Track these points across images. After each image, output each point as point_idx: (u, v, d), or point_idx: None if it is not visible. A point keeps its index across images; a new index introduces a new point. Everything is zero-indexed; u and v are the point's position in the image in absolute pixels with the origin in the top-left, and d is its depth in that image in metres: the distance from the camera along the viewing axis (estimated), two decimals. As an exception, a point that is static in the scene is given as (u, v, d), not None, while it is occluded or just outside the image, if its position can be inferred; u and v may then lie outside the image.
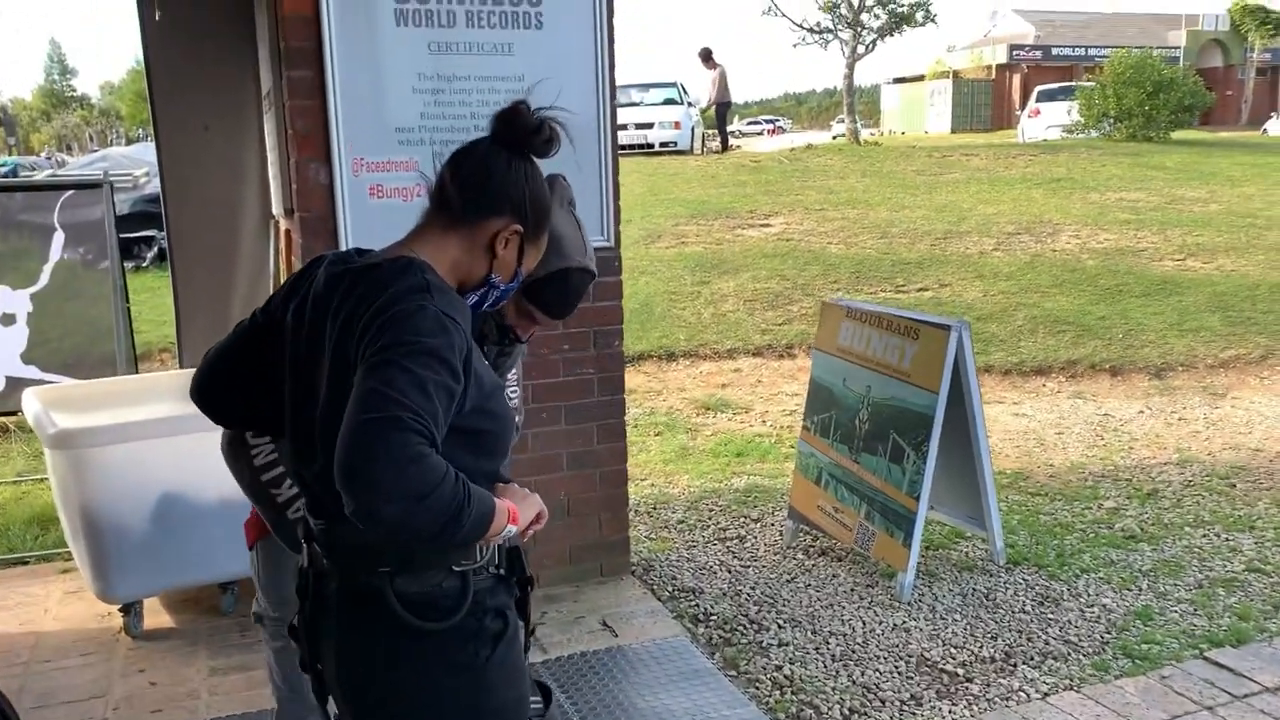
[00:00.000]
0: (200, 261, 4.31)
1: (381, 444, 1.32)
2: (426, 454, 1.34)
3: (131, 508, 3.41)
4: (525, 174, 1.65)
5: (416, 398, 1.37)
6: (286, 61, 3.31)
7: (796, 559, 4.15)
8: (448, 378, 1.42)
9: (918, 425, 3.73)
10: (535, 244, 1.71)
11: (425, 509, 1.35)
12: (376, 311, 1.47)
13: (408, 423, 1.34)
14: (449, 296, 1.53)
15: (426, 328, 1.44)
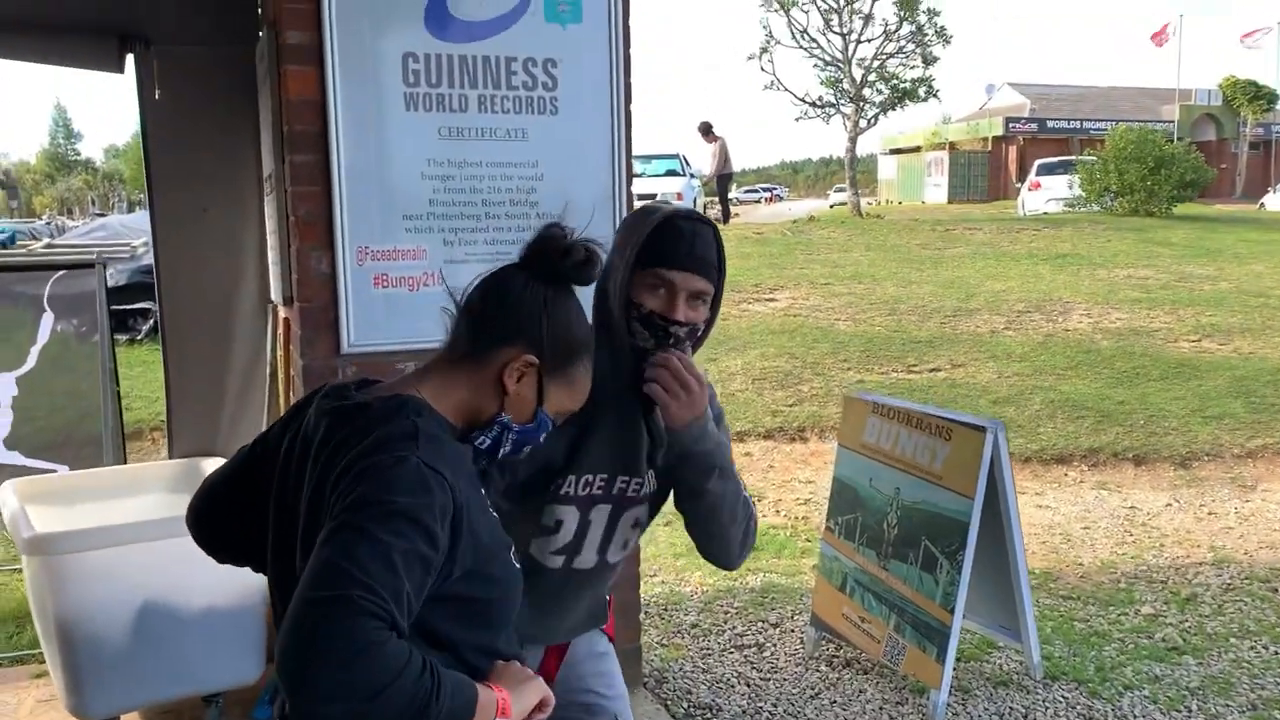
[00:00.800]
0: (193, 344, 4.12)
1: (324, 632, 1.12)
2: (380, 641, 1.13)
3: (111, 617, 3.17)
4: (544, 299, 1.46)
5: (377, 571, 1.16)
6: (290, 146, 3.15)
7: (820, 671, 3.89)
8: (422, 544, 1.20)
9: (951, 532, 3.51)
10: (563, 381, 1.50)
11: (378, 708, 1.13)
12: (354, 459, 1.28)
13: (359, 604, 1.13)
14: (440, 446, 1.32)
15: (403, 484, 1.23)
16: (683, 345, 1.79)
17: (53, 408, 4.59)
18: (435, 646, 1.33)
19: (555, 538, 1.84)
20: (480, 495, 1.40)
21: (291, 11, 3.10)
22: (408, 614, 1.19)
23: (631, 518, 1.89)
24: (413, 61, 3.21)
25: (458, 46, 3.25)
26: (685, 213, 1.84)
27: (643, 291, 1.78)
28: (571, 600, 1.93)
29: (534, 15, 3.32)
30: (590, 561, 1.89)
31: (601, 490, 1.85)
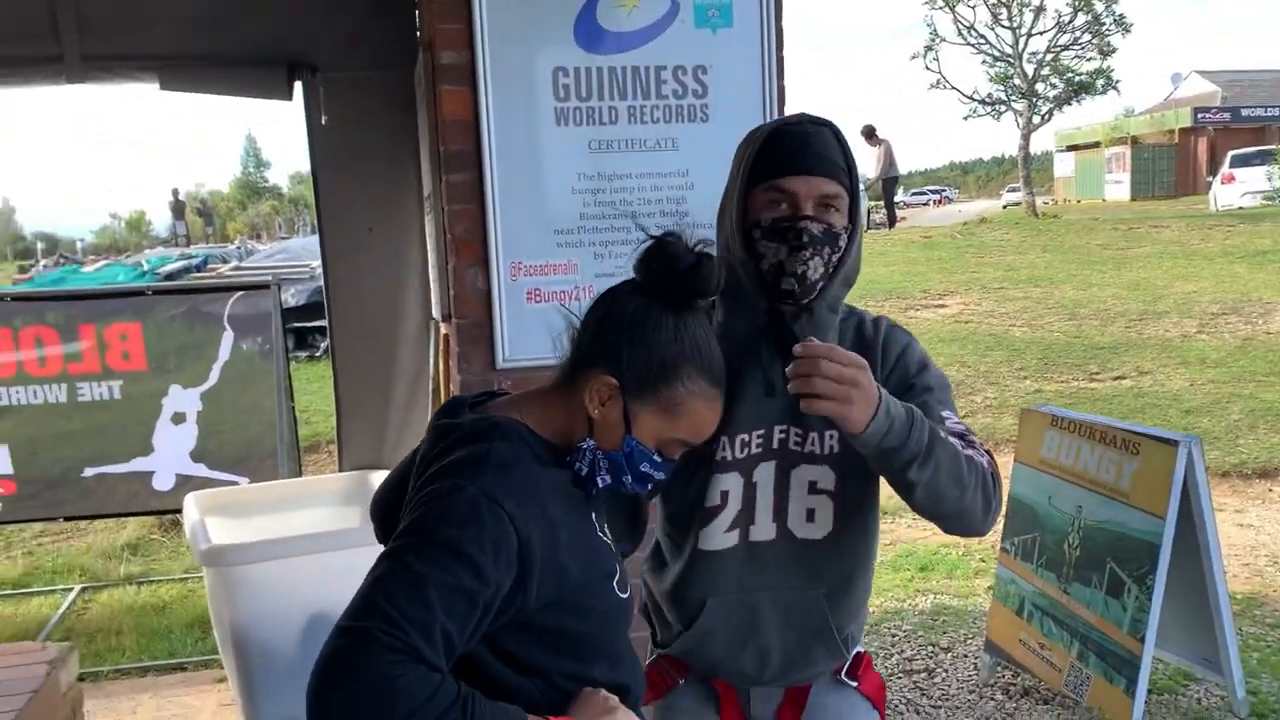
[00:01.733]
0: (361, 361, 4.25)
1: (337, 663, 1.09)
2: (397, 676, 1.08)
3: (281, 627, 3.27)
4: (637, 316, 1.35)
5: (406, 604, 1.12)
6: (445, 165, 3.19)
7: (995, 700, 3.66)
8: (465, 577, 1.15)
9: (1140, 554, 3.24)
10: (656, 406, 1.35)
11: None
12: (425, 481, 1.25)
13: (377, 638, 1.09)
14: (508, 476, 1.25)
15: (453, 515, 1.19)
16: (819, 247, 1.53)
17: (234, 423, 4.82)
18: (523, 673, 1.28)
19: (723, 513, 1.64)
20: (576, 524, 1.33)
21: (446, 32, 3.13)
22: (445, 648, 1.14)
23: (806, 478, 1.63)
24: (563, 76, 3.20)
25: (607, 58, 3.22)
26: (797, 116, 1.62)
27: (762, 209, 1.57)
28: (766, 604, 1.67)
29: (683, 22, 3.26)
30: (769, 532, 1.64)
31: (760, 446, 1.63)
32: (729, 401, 1.60)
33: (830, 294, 1.60)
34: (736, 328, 1.63)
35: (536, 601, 1.23)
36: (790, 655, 1.70)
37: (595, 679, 1.34)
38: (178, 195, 30.20)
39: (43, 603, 5.03)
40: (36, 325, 4.52)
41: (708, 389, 1.37)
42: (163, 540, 5.88)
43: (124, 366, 4.62)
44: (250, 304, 4.77)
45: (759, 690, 1.76)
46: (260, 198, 69.06)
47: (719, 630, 1.70)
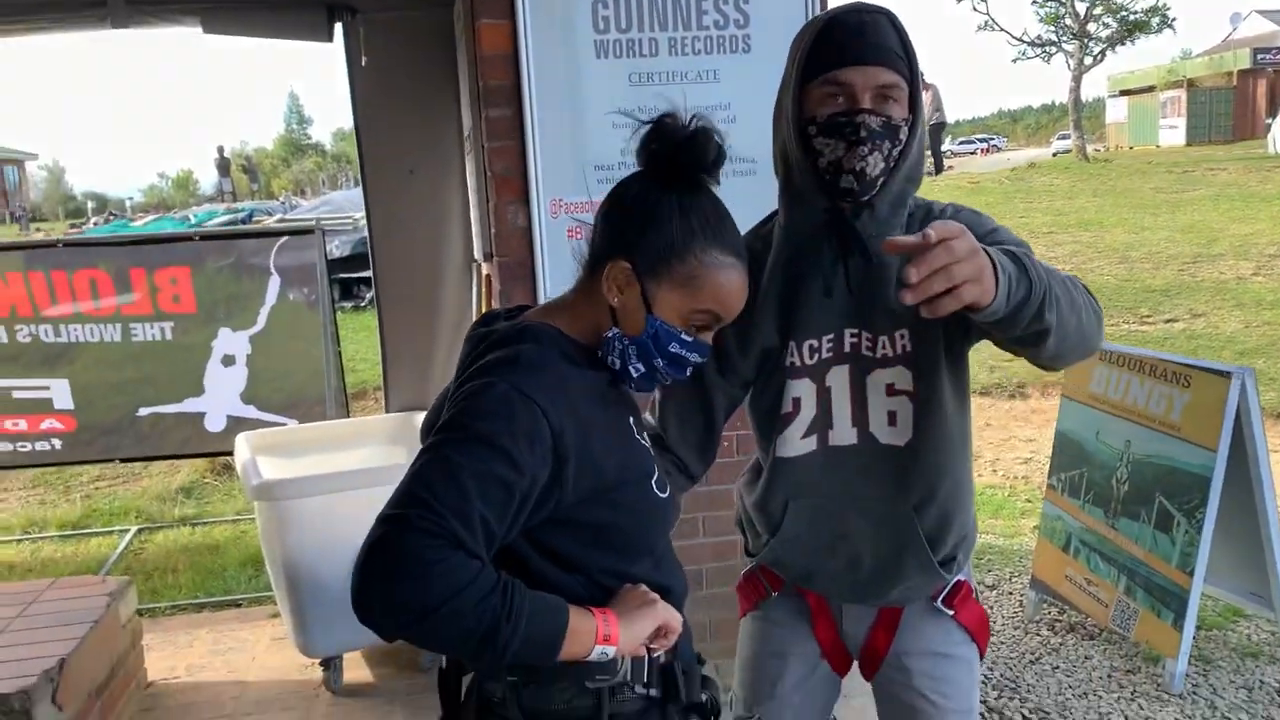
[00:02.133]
0: (405, 304, 4.29)
1: (379, 549, 1.11)
2: (435, 560, 1.10)
3: (332, 561, 3.33)
4: (641, 197, 1.33)
5: (442, 491, 1.13)
6: (485, 100, 3.18)
7: (1040, 635, 3.65)
8: (500, 467, 1.16)
9: (1190, 488, 3.20)
10: (672, 281, 1.31)
11: (434, 625, 1.10)
12: (460, 384, 1.28)
13: (414, 523, 1.11)
14: (540, 374, 1.26)
15: (487, 409, 1.20)
16: (878, 142, 1.47)
17: (282, 367, 4.89)
18: (565, 569, 1.30)
19: (798, 419, 1.62)
20: (611, 423, 1.34)
21: (484, -35, 3.11)
22: (484, 535, 1.15)
23: (883, 381, 1.58)
24: (602, 8, 3.17)
25: (647, -11, 3.18)
26: (853, 5, 1.53)
27: (818, 104, 1.49)
28: (852, 512, 1.65)
29: (725, -50, 3.21)
30: (848, 436, 1.60)
31: (831, 351, 1.60)
32: (792, 305, 1.60)
33: (893, 189, 1.54)
34: (797, 229, 1.60)
35: (574, 495, 1.25)
36: (883, 565, 1.66)
37: (637, 576, 1.35)
38: (223, 153, 30.42)
39: (101, 543, 5.16)
40: (89, 269, 4.60)
41: (722, 258, 1.33)
42: (215, 483, 6.01)
43: (174, 309, 4.70)
44: (296, 251, 4.81)
45: (852, 608, 1.75)
46: (303, 154, 69.57)
47: (805, 533, 1.68)
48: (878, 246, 1.52)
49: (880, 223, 1.55)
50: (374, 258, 4.27)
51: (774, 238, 1.67)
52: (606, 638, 1.24)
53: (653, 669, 1.33)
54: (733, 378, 1.69)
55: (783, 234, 1.65)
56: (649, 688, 1.33)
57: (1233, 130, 35.12)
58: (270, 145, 74.27)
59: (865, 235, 1.54)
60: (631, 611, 1.29)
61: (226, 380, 4.81)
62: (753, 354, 1.65)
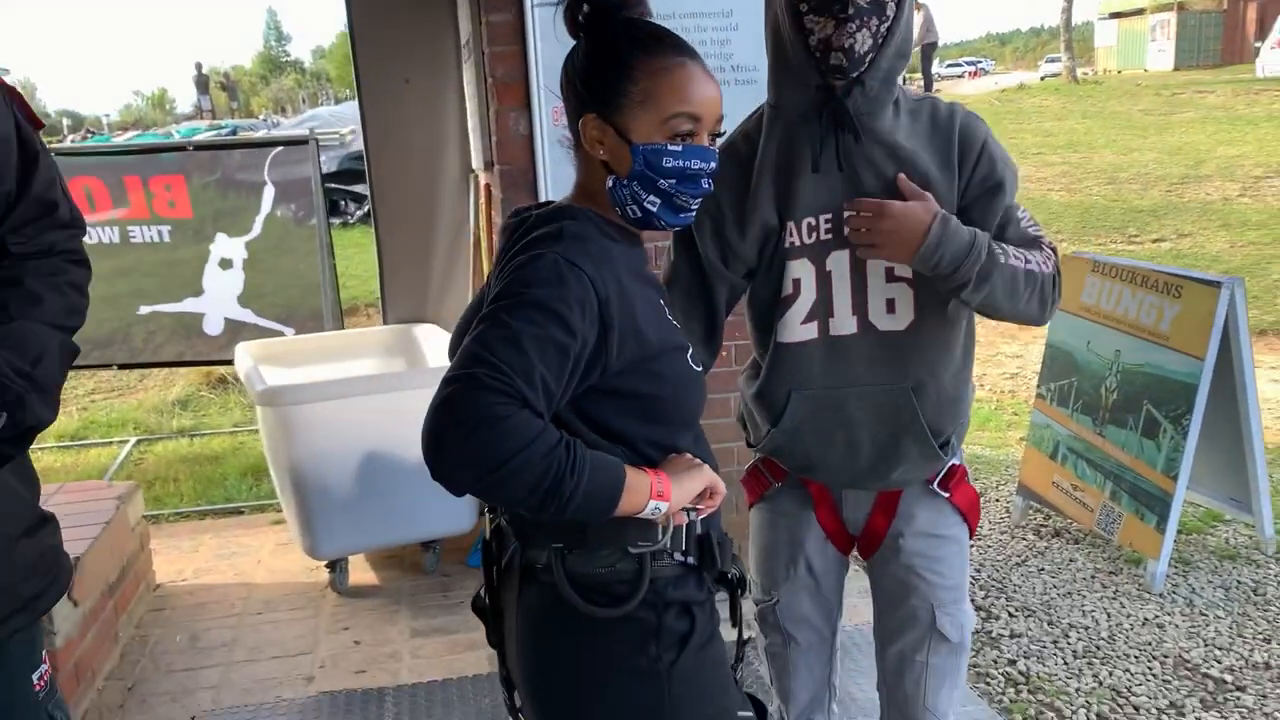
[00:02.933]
0: (402, 216, 4.28)
1: (451, 406, 1.16)
2: (505, 415, 1.15)
3: (337, 466, 3.40)
4: (572, 57, 1.38)
5: (505, 353, 1.19)
6: (486, 5, 3.15)
7: (1026, 539, 3.77)
8: (555, 330, 1.22)
9: (1177, 395, 3.29)
10: (632, 107, 1.33)
11: (503, 477, 1.16)
12: (507, 263, 1.32)
13: (483, 381, 1.16)
14: (584, 244, 1.31)
15: (538, 277, 1.25)
16: (865, 19, 1.53)
17: (278, 274, 4.90)
18: (611, 440, 1.35)
19: (798, 302, 1.68)
20: (648, 296, 1.38)
21: None
22: (545, 394, 1.21)
23: (883, 265, 1.65)
24: (606, -90, 3.13)
25: (650, -109, 3.14)
26: None
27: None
28: (853, 399, 1.71)
29: None
30: (849, 325, 1.68)
31: (830, 232, 1.65)
32: (788, 184, 1.64)
33: (883, 65, 1.59)
34: (790, 107, 1.64)
35: (618, 362, 1.30)
36: (882, 449, 1.73)
37: (680, 448, 1.41)
38: (201, 70, 29.85)
39: (100, 453, 5.22)
40: (84, 176, 4.57)
41: (665, 60, 1.34)
42: (211, 396, 6.05)
43: (171, 214, 4.70)
44: (290, 165, 4.78)
45: (851, 493, 1.83)
46: (282, 72, 68.28)
47: (806, 424, 1.74)
48: (869, 123, 1.61)
49: (870, 99, 1.60)
50: (370, 170, 4.26)
51: (764, 121, 1.71)
52: (660, 494, 1.30)
53: (690, 537, 1.40)
54: (736, 265, 1.73)
55: (773, 114, 1.69)
56: (686, 555, 1.39)
57: (1221, 54, 34.88)
58: (248, 63, 72.80)
59: (856, 112, 1.59)
60: (681, 472, 1.35)
61: (224, 282, 4.82)
62: (752, 235, 1.69)
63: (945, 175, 1.64)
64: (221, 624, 3.38)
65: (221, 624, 3.38)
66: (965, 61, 56.08)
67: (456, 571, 3.67)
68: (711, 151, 1.37)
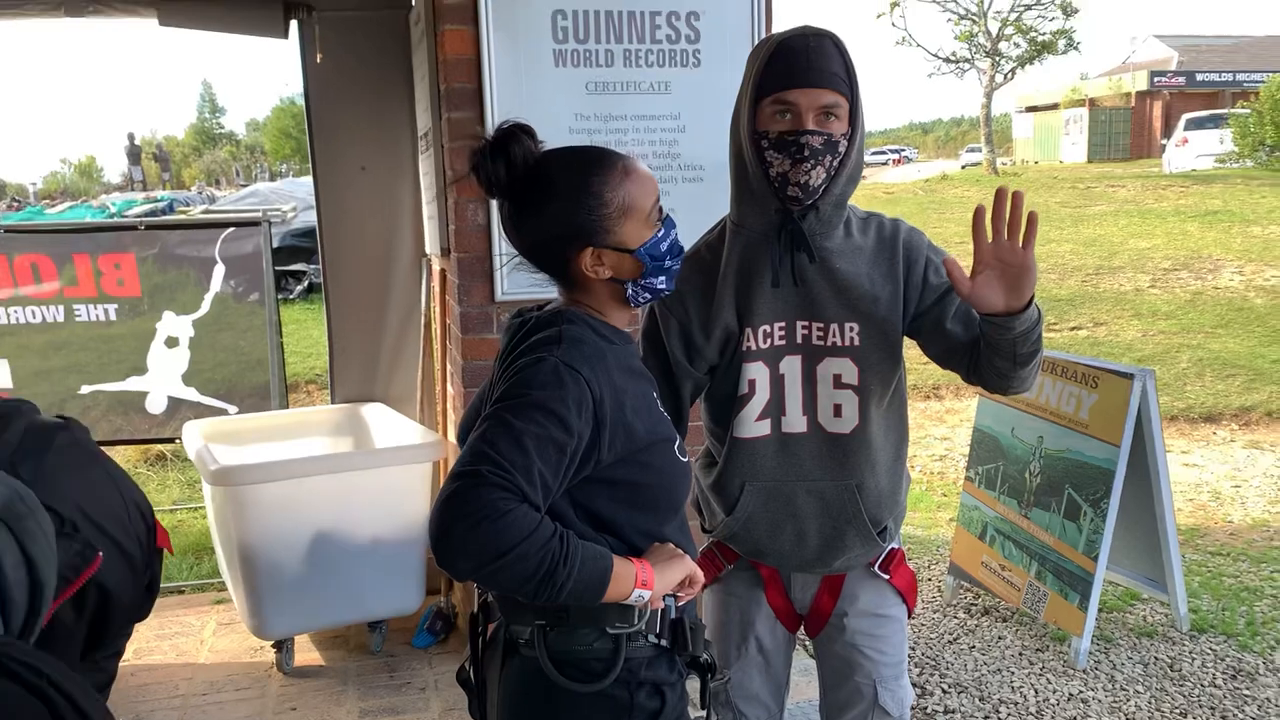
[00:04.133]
0: (354, 297, 4.35)
1: (458, 500, 1.29)
2: (506, 510, 1.28)
3: (288, 545, 3.43)
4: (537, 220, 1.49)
5: (508, 451, 1.31)
6: (446, 103, 3.31)
7: (958, 618, 3.92)
8: (554, 430, 1.35)
9: (1096, 480, 3.49)
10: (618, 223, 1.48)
11: (503, 567, 1.28)
12: (510, 364, 1.45)
13: (488, 478, 1.29)
14: (581, 348, 1.44)
15: (539, 380, 1.38)
16: (819, 157, 1.69)
17: (225, 353, 4.91)
18: (600, 529, 1.47)
19: (753, 401, 1.82)
20: (639, 390, 1.51)
21: (449, -27, 3.23)
22: (542, 490, 1.33)
23: (831, 372, 1.80)
24: (561, 19, 3.31)
25: (604, 2, 3.34)
26: (800, 30, 1.73)
27: (768, 121, 1.71)
28: (801, 493, 1.84)
29: (677, -31, 3.39)
30: (800, 425, 1.82)
31: (784, 338, 1.80)
32: (747, 295, 1.81)
33: (835, 192, 1.77)
34: (752, 225, 1.82)
35: (609, 455, 1.42)
36: (827, 539, 1.88)
37: (665, 536, 1.53)
38: (134, 140, 29.64)
39: (34, 531, 5.12)
40: (32, 254, 4.58)
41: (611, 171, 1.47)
42: (149, 473, 5.99)
43: (119, 292, 4.71)
44: (239, 245, 4.85)
45: (799, 576, 1.97)
46: (216, 144, 67.94)
47: (759, 514, 1.89)
48: (821, 242, 1.79)
49: (824, 221, 1.80)
50: (323, 250, 4.34)
51: (726, 235, 1.89)
52: (644, 583, 1.43)
53: (665, 621, 1.51)
54: (699, 363, 1.89)
55: (734, 230, 1.87)
56: (661, 637, 1.51)
57: (1130, 149, 36.62)
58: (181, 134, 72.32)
59: (810, 234, 1.78)
60: (663, 562, 1.48)
61: (169, 361, 4.82)
62: (715, 338, 1.85)
63: (890, 286, 1.81)
64: (166, 706, 3.36)
65: (166, 706, 3.36)
66: (889, 149, 57.98)
67: (402, 652, 3.69)
68: (671, 218, 1.55)
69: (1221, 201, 13.68)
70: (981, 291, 1.64)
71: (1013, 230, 1.60)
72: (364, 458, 3.64)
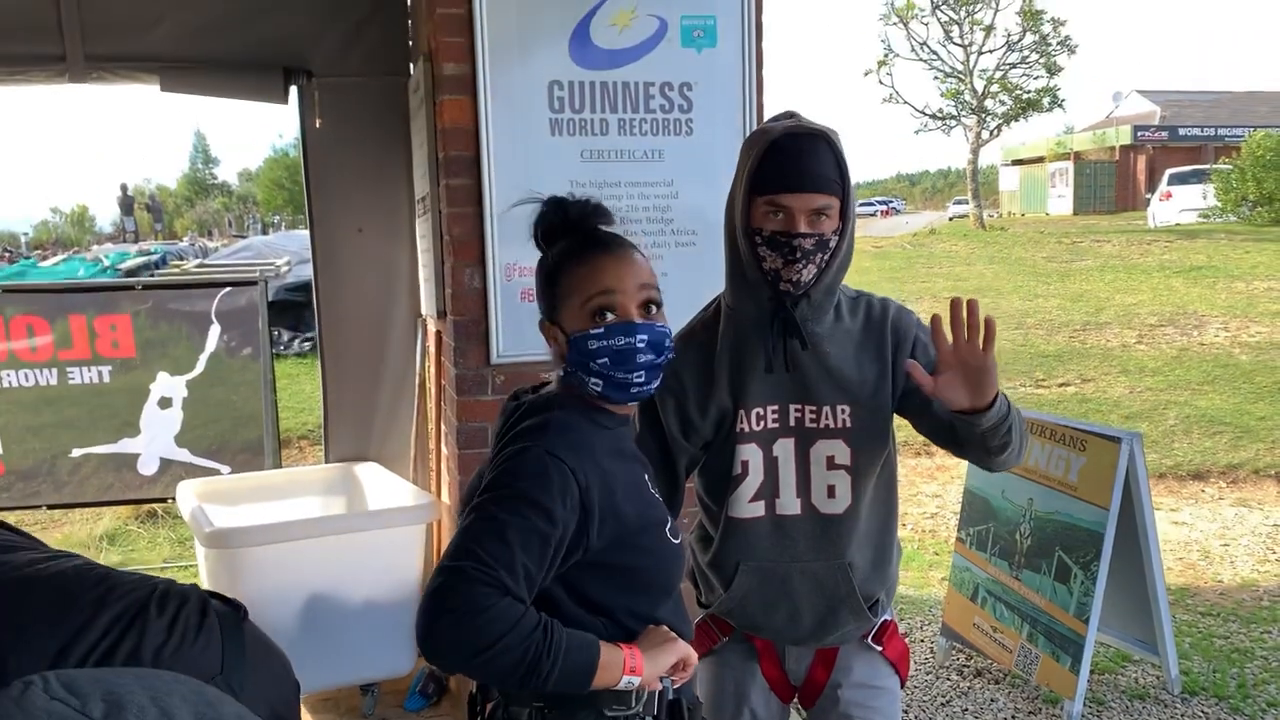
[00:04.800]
0: (349, 357, 4.38)
1: (441, 596, 1.32)
2: (489, 606, 1.31)
3: (281, 607, 3.42)
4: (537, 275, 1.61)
5: (491, 546, 1.34)
6: (445, 170, 3.37)
7: (951, 680, 3.92)
8: (538, 521, 1.37)
9: (1086, 543, 3.52)
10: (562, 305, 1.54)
11: (488, 660, 1.31)
12: (498, 451, 1.48)
13: (470, 574, 1.32)
14: (567, 435, 1.47)
15: (523, 470, 1.41)
16: (811, 257, 1.75)
17: (218, 412, 4.94)
18: (594, 612, 1.49)
19: (747, 481, 1.86)
20: (629, 475, 1.54)
21: (448, 45, 3.32)
22: (526, 582, 1.36)
23: (824, 454, 1.84)
24: (558, 89, 3.39)
25: (599, 74, 3.42)
26: (793, 130, 1.77)
27: (762, 219, 1.77)
28: (795, 574, 1.87)
29: (670, 42, 3.47)
30: (794, 507, 1.85)
31: (776, 422, 1.85)
32: (741, 377, 1.86)
33: (826, 281, 1.83)
34: (745, 312, 1.87)
35: (599, 540, 1.44)
36: (821, 618, 1.92)
37: (659, 619, 1.55)
38: (126, 190, 29.76)
39: (23, 590, 5.09)
40: (26, 315, 4.61)
41: (583, 257, 1.54)
42: (140, 530, 5.97)
43: (113, 354, 4.73)
44: (235, 300, 4.90)
45: (794, 649, 1.99)
46: (208, 195, 68.24)
47: (754, 593, 1.92)
48: (812, 327, 1.84)
49: (815, 307, 1.85)
50: (319, 309, 4.38)
51: (721, 317, 1.94)
52: (633, 669, 1.44)
53: (662, 703, 1.53)
54: (694, 438, 1.93)
55: (729, 314, 1.92)
56: (658, 719, 1.52)
57: (1115, 202, 37.08)
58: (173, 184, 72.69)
59: (802, 319, 1.83)
60: (654, 647, 1.49)
61: (162, 422, 4.84)
62: (710, 415, 1.89)
63: (879, 367, 1.86)
64: (155, 771, 3.33)
65: (155, 771, 3.33)
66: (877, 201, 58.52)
67: (394, 715, 3.68)
68: (636, 326, 1.49)
69: (1205, 257, 13.86)
70: (945, 392, 1.69)
71: (972, 333, 1.65)
72: (358, 520, 3.66)
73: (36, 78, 3.99)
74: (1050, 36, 21.61)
